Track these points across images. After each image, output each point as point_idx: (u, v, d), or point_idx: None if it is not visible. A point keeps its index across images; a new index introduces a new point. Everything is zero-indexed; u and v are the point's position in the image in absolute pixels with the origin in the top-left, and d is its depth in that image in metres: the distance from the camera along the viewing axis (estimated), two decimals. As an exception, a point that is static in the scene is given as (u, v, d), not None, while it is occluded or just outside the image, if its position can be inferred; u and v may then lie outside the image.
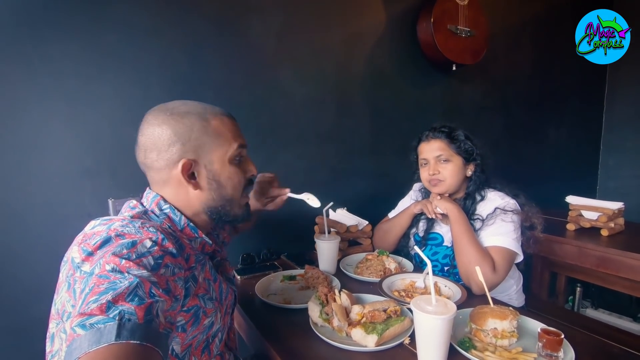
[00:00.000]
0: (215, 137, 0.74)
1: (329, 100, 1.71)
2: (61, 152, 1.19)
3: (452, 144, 1.29)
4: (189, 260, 0.70)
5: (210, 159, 0.74)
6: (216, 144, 0.74)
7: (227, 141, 0.75)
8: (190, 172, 0.73)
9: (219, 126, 0.75)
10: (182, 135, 0.71)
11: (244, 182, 0.80)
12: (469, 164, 1.31)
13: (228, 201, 0.78)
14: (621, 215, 1.78)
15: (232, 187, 0.77)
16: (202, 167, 0.74)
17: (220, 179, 0.76)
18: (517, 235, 1.21)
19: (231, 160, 0.76)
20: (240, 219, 0.82)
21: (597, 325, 1.73)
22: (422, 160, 1.34)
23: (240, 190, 0.79)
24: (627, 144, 2.84)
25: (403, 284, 1.20)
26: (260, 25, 1.51)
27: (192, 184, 0.74)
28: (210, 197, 0.76)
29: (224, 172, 0.76)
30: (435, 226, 1.40)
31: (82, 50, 1.20)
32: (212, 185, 0.75)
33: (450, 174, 1.29)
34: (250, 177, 0.82)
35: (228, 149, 0.75)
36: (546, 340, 0.78)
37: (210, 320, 0.73)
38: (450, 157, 1.29)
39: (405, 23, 1.87)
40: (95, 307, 0.48)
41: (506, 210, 1.22)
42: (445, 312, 0.75)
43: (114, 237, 0.59)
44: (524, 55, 2.41)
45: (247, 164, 0.81)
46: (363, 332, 0.84)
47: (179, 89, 1.36)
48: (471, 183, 1.33)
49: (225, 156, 0.75)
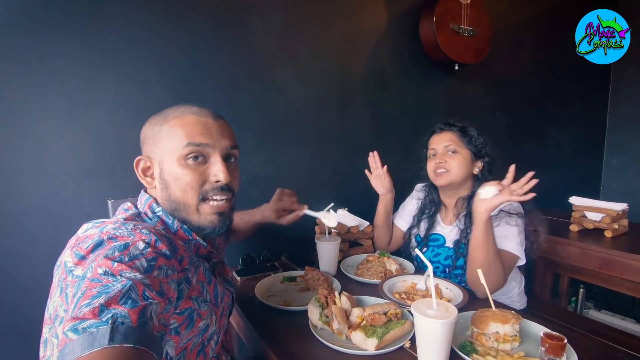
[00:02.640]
0: (168, 135, 0.72)
1: (330, 100, 1.70)
2: (60, 152, 1.19)
3: (463, 137, 1.29)
4: (182, 262, 0.69)
5: (161, 156, 0.73)
6: (167, 142, 0.72)
7: (178, 138, 0.71)
8: (147, 171, 0.75)
9: (176, 124, 0.72)
10: (145, 134, 0.76)
11: (198, 185, 0.72)
12: (477, 160, 1.30)
13: (180, 205, 0.72)
14: (625, 217, 1.76)
15: (179, 189, 0.71)
16: (156, 164, 0.74)
17: (167, 178, 0.72)
18: (521, 239, 1.19)
19: (180, 160, 0.71)
20: (209, 228, 0.74)
21: (600, 327, 1.72)
22: (431, 151, 1.34)
23: (194, 195, 0.72)
24: (632, 145, 2.82)
25: (404, 286, 1.19)
26: (261, 25, 1.50)
27: (146, 181, 0.76)
28: (162, 196, 0.74)
29: (172, 172, 0.72)
30: (436, 227, 1.39)
31: (82, 50, 1.19)
32: (161, 185, 0.73)
33: (457, 165, 1.27)
34: (215, 182, 0.73)
35: (177, 147, 0.71)
36: (549, 345, 0.77)
37: (205, 323, 0.73)
38: (459, 149, 1.28)
39: (407, 22, 1.86)
40: (88, 311, 0.47)
41: (511, 214, 1.21)
42: (447, 316, 0.74)
43: (107, 240, 0.58)
44: (526, 55, 2.38)
45: (213, 167, 0.73)
46: (363, 336, 0.83)
47: (179, 89, 1.35)
48: (477, 182, 1.31)
49: (173, 155, 0.71)
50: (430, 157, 1.35)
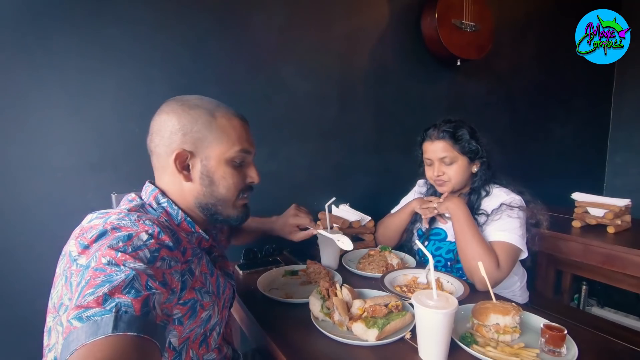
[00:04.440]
0: (217, 134, 0.74)
1: (331, 95, 1.70)
2: (64, 146, 1.20)
3: (456, 144, 1.27)
4: (186, 253, 0.70)
5: (207, 154, 0.74)
6: (217, 141, 0.74)
7: (230, 141, 0.75)
8: (185, 164, 0.74)
9: (225, 125, 0.75)
10: (185, 125, 0.73)
11: (240, 186, 0.79)
12: (474, 162, 1.30)
13: (220, 200, 0.77)
14: (628, 213, 1.76)
15: (225, 187, 0.76)
16: (198, 160, 0.74)
17: (214, 176, 0.75)
18: (523, 232, 1.20)
19: (229, 161, 0.76)
20: (234, 220, 0.81)
21: (601, 322, 1.71)
22: (427, 159, 1.33)
23: (235, 194, 0.78)
24: (635, 141, 2.80)
25: (405, 280, 1.19)
26: (263, 20, 1.50)
27: (184, 175, 0.74)
28: (202, 192, 0.75)
29: (219, 171, 0.75)
30: (438, 221, 1.40)
31: (85, 44, 1.20)
32: (204, 181, 0.75)
33: (455, 175, 1.28)
34: (249, 183, 0.81)
35: (228, 149, 0.75)
36: (549, 335, 0.78)
37: (208, 314, 0.73)
38: (455, 159, 1.27)
39: (409, 18, 1.86)
40: (92, 300, 0.48)
41: (512, 207, 1.22)
42: (447, 307, 0.75)
43: (110, 230, 0.59)
44: (529, 51, 2.38)
45: (250, 170, 0.81)
46: (364, 327, 0.84)
47: (182, 84, 1.36)
48: (477, 179, 1.31)
49: (223, 155, 0.75)
50: (427, 164, 1.35)
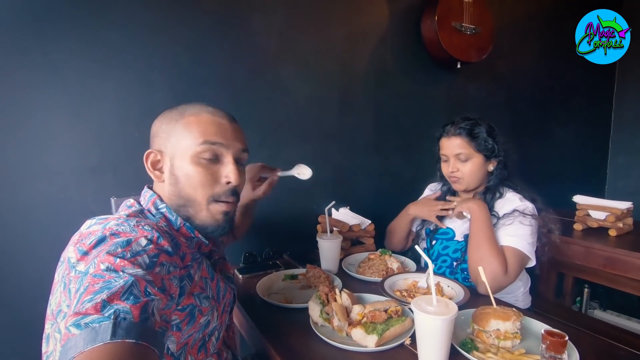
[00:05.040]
0: (182, 131, 0.73)
1: (332, 98, 1.70)
2: (64, 150, 1.20)
3: (472, 141, 1.27)
4: (185, 258, 0.69)
5: (173, 152, 0.74)
6: (181, 137, 0.73)
7: (193, 136, 0.72)
8: (157, 165, 0.75)
9: (190, 121, 0.73)
10: (159, 127, 0.76)
11: (210, 185, 0.73)
12: (490, 160, 1.30)
13: (189, 202, 0.73)
14: (630, 215, 1.75)
15: (190, 185, 0.72)
16: (167, 159, 0.74)
17: (178, 174, 0.73)
18: (533, 240, 1.19)
19: (194, 157, 0.72)
20: (211, 229, 0.75)
21: (603, 326, 1.70)
22: (443, 155, 1.34)
23: (204, 194, 0.73)
24: (637, 143, 2.79)
25: (405, 284, 1.18)
26: (263, 23, 1.50)
27: (155, 175, 0.75)
28: (171, 192, 0.74)
29: (183, 168, 0.73)
30: (446, 220, 1.39)
31: (85, 47, 1.20)
32: (171, 180, 0.74)
33: (469, 173, 1.28)
34: (226, 183, 0.75)
35: (192, 145, 0.72)
36: (550, 341, 0.77)
37: (207, 319, 0.73)
38: (470, 156, 1.27)
39: (409, 20, 1.86)
40: (90, 307, 0.48)
41: (525, 214, 1.21)
42: (446, 313, 0.74)
43: (109, 236, 0.59)
44: (530, 53, 2.37)
45: (224, 168, 0.75)
46: (363, 332, 0.83)
47: (182, 87, 1.36)
48: (492, 177, 1.31)
49: (187, 151, 0.72)
50: (443, 160, 1.35)
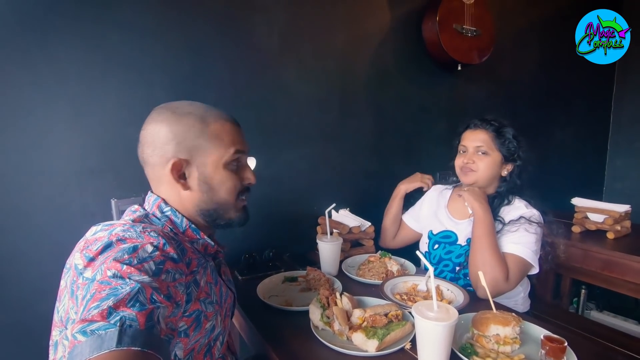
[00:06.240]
0: (211, 141, 0.74)
1: (332, 100, 1.70)
2: (64, 152, 1.19)
3: (497, 138, 1.27)
4: (191, 264, 0.70)
5: (203, 161, 0.74)
6: (212, 148, 0.74)
7: (224, 146, 0.75)
8: (181, 172, 0.74)
9: (218, 130, 0.75)
10: (179, 134, 0.72)
11: (239, 187, 0.79)
12: (507, 163, 1.29)
13: (221, 205, 0.77)
14: (628, 218, 1.76)
15: (225, 191, 0.76)
16: (194, 168, 0.74)
17: (212, 182, 0.75)
18: (537, 248, 1.19)
19: (226, 165, 0.76)
20: (236, 223, 0.81)
21: (601, 329, 1.71)
22: (462, 147, 1.33)
23: (235, 196, 0.78)
24: (636, 145, 2.80)
25: (405, 287, 1.19)
26: (264, 26, 1.50)
27: (182, 184, 0.74)
28: (202, 199, 0.75)
29: (217, 176, 0.75)
30: (448, 222, 1.39)
31: (86, 49, 1.19)
32: (203, 188, 0.75)
33: (485, 167, 1.27)
34: (247, 184, 0.81)
35: (224, 154, 0.75)
36: (549, 347, 0.77)
37: (212, 324, 0.73)
38: (490, 151, 1.27)
39: (410, 22, 1.85)
40: (97, 313, 0.48)
41: (531, 222, 1.20)
42: (447, 319, 0.75)
43: (115, 242, 0.59)
44: (530, 55, 2.37)
45: (245, 172, 0.81)
46: (364, 337, 0.84)
47: (182, 89, 1.36)
48: (504, 184, 1.30)
49: (220, 160, 0.75)
50: (460, 153, 1.34)
